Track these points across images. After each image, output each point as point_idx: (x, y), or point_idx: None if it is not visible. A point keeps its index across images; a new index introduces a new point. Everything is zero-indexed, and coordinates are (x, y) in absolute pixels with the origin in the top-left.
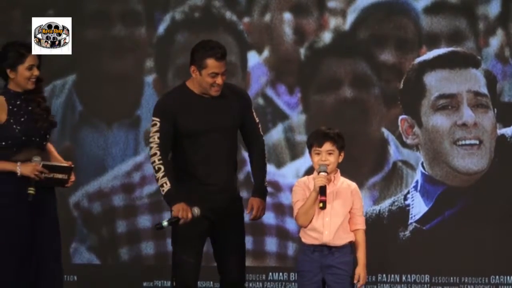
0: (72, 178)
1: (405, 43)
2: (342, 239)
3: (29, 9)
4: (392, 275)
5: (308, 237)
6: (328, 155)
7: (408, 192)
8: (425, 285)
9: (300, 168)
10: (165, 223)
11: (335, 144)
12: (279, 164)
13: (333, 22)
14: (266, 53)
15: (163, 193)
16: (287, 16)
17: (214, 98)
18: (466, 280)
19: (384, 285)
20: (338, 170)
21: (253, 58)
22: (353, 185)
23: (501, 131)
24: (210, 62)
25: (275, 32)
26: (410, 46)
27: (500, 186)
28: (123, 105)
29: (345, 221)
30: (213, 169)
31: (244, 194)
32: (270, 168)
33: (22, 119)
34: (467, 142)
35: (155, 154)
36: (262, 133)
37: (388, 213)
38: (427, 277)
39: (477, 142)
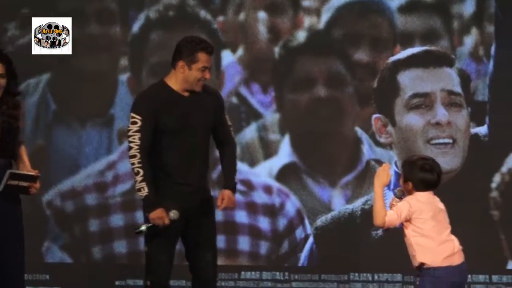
0: (37, 185)
1: (379, 42)
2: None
3: (2, 9)
4: (365, 274)
5: None
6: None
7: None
8: (397, 284)
9: (273, 167)
10: (143, 227)
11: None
12: (253, 163)
13: (307, 21)
14: (240, 52)
15: (141, 197)
16: (262, 15)
17: (192, 96)
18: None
19: (357, 284)
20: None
21: (227, 57)
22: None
23: (475, 130)
24: (202, 56)
25: (249, 31)
26: (384, 45)
27: (473, 185)
28: (97, 103)
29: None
30: (189, 169)
31: (215, 193)
32: (244, 167)
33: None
34: (441, 141)
35: (134, 156)
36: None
37: (361, 212)
38: (399, 276)
39: (451, 141)
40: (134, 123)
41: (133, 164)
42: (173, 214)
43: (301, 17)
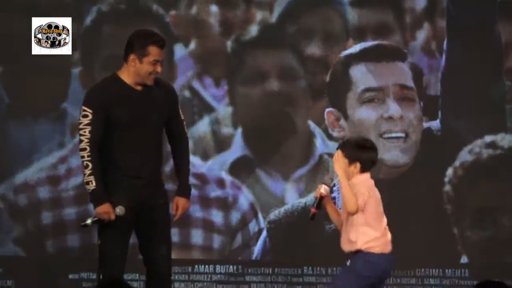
0: None
1: (331, 36)
2: (347, 247)
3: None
4: (318, 268)
5: None
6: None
7: (334, 185)
8: None
9: (226, 160)
10: (89, 221)
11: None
12: (205, 157)
13: (259, 15)
14: (192, 45)
15: (88, 191)
16: (214, 8)
17: (145, 90)
18: (391, 273)
19: (310, 277)
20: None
21: (180, 51)
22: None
23: (427, 124)
24: (153, 49)
25: (201, 25)
26: (336, 39)
27: (426, 179)
28: (50, 97)
29: (350, 229)
30: (142, 162)
31: (168, 186)
32: (196, 160)
33: None
34: (393, 135)
35: (84, 149)
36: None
37: None
38: None
39: (403, 135)
40: (85, 116)
41: (82, 157)
42: (119, 210)
43: (253, 11)
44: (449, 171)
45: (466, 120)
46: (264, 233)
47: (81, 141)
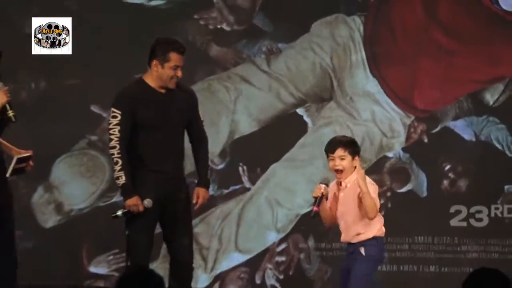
0: (31, 163)
1: None
2: (358, 237)
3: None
4: None
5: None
6: (341, 160)
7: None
8: None
9: None
10: (119, 212)
11: (347, 150)
12: None
13: None
14: None
15: (119, 185)
16: None
17: (168, 93)
18: None
19: None
20: (355, 175)
21: None
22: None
23: None
24: (173, 55)
25: None
26: None
27: None
28: None
29: (357, 223)
30: (165, 159)
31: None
32: None
33: None
34: None
35: (114, 147)
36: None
37: None
38: None
39: None
40: (114, 117)
41: (112, 154)
42: (147, 202)
43: None
44: None
45: None
46: None
47: (110, 140)
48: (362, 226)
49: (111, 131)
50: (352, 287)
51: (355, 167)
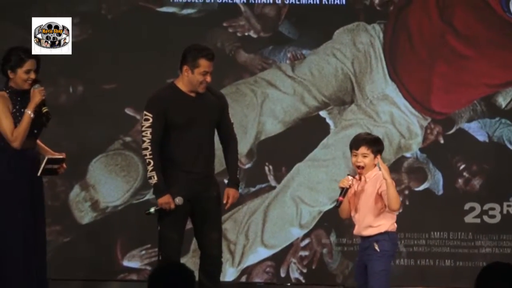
0: (65, 166)
1: None
2: (370, 231)
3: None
4: None
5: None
6: (363, 157)
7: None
8: None
9: None
10: (152, 210)
11: (370, 149)
12: None
13: None
14: None
15: (151, 184)
16: None
17: (198, 97)
18: None
19: None
20: (375, 168)
21: None
22: (380, 178)
23: None
24: (202, 62)
25: None
26: None
27: None
28: None
29: (370, 216)
30: (196, 159)
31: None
32: None
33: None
34: None
35: (147, 148)
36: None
37: None
38: None
39: None
40: (147, 120)
41: (145, 155)
42: (178, 200)
43: None
44: None
45: None
46: None
47: (143, 141)
48: (375, 220)
49: (143, 133)
50: (373, 284)
51: (375, 164)
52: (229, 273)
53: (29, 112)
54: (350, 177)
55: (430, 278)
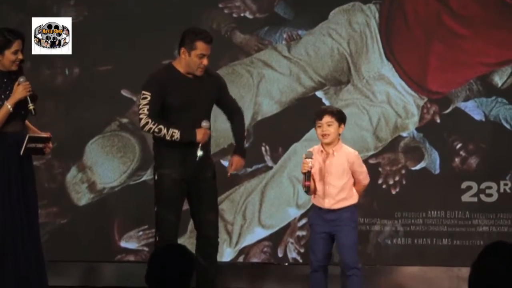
0: (50, 145)
1: None
2: (341, 203)
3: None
4: None
5: (316, 201)
6: (328, 126)
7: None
8: None
9: None
10: (200, 153)
11: (334, 117)
12: None
13: None
14: None
15: (178, 139)
16: None
17: (196, 79)
18: None
19: None
20: (340, 142)
21: None
22: (352, 154)
23: None
24: (200, 44)
25: None
26: None
27: None
28: None
29: (344, 188)
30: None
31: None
32: None
33: (10, 95)
34: None
35: (147, 122)
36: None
37: None
38: None
39: None
40: (144, 98)
41: (150, 129)
42: (204, 124)
43: None
44: None
45: None
46: None
47: (140, 118)
48: (347, 193)
49: (140, 110)
50: (346, 256)
51: (339, 134)
52: (226, 254)
53: (8, 106)
54: (308, 160)
55: (427, 257)
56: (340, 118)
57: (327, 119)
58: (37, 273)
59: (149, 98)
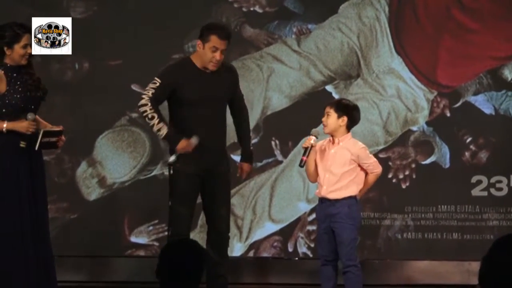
0: (63, 138)
1: None
2: (338, 194)
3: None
4: None
5: (317, 192)
6: (326, 116)
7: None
8: None
9: None
10: (172, 158)
11: (332, 108)
12: None
13: None
14: None
15: (161, 137)
16: None
17: (213, 73)
18: None
19: None
20: (347, 134)
21: None
22: (356, 147)
23: None
24: (213, 38)
25: None
26: None
27: None
28: None
29: (343, 179)
30: (208, 134)
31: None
32: None
33: (20, 89)
34: None
35: (145, 104)
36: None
37: None
38: None
39: None
40: (154, 83)
41: (145, 111)
42: (194, 140)
43: None
44: None
45: None
46: None
47: (142, 98)
48: (345, 183)
49: (144, 92)
50: (342, 253)
51: (340, 126)
52: (236, 248)
53: (4, 128)
54: (312, 137)
55: (437, 251)
56: (340, 109)
57: (326, 109)
58: (48, 278)
59: (158, 84)
